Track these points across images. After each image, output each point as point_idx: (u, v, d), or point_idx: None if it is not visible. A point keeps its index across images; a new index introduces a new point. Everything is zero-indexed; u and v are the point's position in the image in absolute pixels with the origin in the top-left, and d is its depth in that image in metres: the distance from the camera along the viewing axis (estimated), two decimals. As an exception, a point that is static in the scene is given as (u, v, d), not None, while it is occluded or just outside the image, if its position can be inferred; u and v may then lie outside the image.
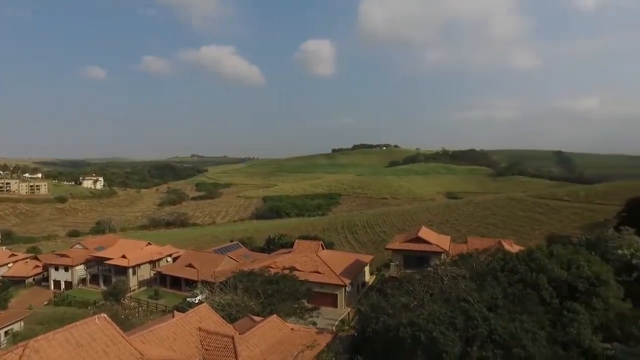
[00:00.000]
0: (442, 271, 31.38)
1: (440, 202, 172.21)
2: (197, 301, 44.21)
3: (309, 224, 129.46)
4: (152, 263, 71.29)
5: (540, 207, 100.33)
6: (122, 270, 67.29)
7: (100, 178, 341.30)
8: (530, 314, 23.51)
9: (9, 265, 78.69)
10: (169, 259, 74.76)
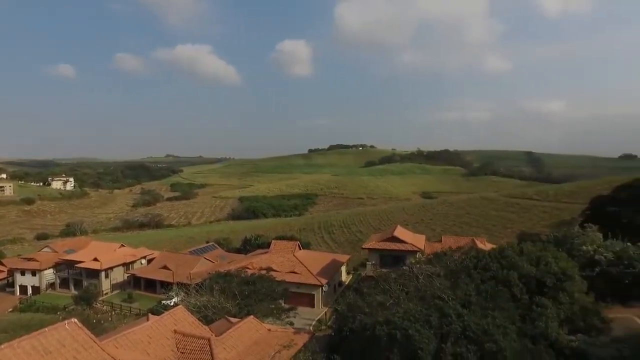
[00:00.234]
0: (417, 270, 31.87)
1: (416, 201, 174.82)
2: (172, 303, 43.56)
3: (285, 224, 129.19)
4: (126, 265, 69.71)
5: (512, 206, 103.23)
6: (94, 274, 65.55)
7: (71, 179, 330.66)
8: (501, 309, 24.21)
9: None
10: (143, 261, 73.26)
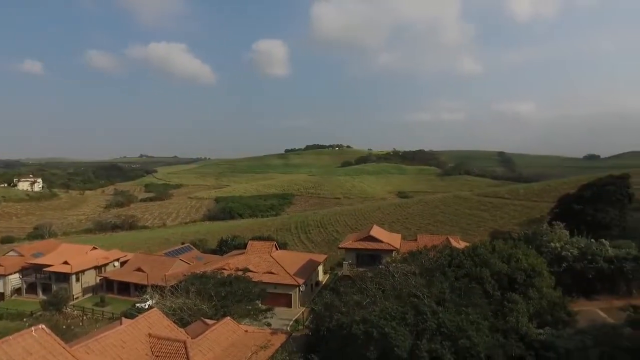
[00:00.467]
0: (393, 268, 32.34)
1: (392, 201, 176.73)
2: (147, 306, 42.72)
3: (262, 224, 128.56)
4: (98, 268, 67.88)
5: (485, 205, 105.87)
6: (64, 277, 63.55)
7: (39, 179, 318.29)
8: (475, 306, 24.87)
9: None
10: (117, 263, 71.51)
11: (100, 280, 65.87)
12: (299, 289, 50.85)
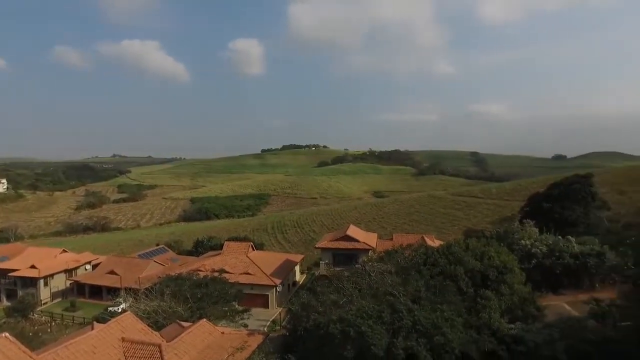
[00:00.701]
0: (369, 267, 32.67)
1: (368, 201, 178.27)
2: (120, 310, 41.83)
3: (238, 225, 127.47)
4: (68, 272, 65.80)
5: (458, 204, 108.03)
6: (31, 282, 61.32)
7: (3, 180, 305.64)
8: (449, 303, 25.41)
9: None
10: (88, 266, 69.47)
11: (70, 284, 63.90)
12: (276, 289, 50.71)
